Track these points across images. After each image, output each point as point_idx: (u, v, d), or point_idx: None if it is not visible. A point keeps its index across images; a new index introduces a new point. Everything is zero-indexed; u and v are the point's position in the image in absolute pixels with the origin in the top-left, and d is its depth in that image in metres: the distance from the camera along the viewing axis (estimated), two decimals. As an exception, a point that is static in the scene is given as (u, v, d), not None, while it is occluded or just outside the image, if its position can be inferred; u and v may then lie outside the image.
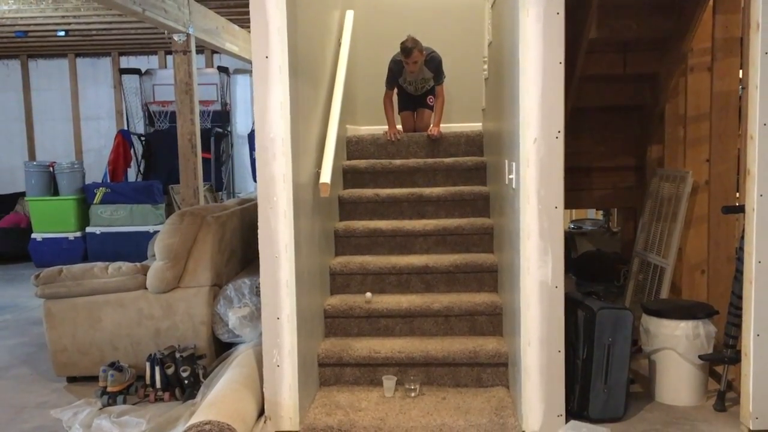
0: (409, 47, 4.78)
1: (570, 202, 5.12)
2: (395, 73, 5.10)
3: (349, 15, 4.93)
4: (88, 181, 8.21)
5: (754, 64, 2.92)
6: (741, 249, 3.16)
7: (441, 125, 5.04)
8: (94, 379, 3.76)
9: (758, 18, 2.88)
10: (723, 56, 3.95)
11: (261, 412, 3.17)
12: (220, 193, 8.90)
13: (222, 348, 3.93)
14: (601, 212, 7.30)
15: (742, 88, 3.64)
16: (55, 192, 7.92)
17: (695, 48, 4.06)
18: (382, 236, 4.21)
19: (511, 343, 3.31)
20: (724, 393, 3.31)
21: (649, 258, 4.41)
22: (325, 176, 3.54)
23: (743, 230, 3.11)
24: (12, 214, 8.49)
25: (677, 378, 3.38)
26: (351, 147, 4.95)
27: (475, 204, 4.40)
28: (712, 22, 3.95)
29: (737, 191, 3.92)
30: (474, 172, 4.62)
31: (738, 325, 3.21)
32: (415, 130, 5.25)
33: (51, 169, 7.95)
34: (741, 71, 3.85)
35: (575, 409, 3.21)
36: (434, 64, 5.02)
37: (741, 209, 3.19)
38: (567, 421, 3.03)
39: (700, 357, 3.33)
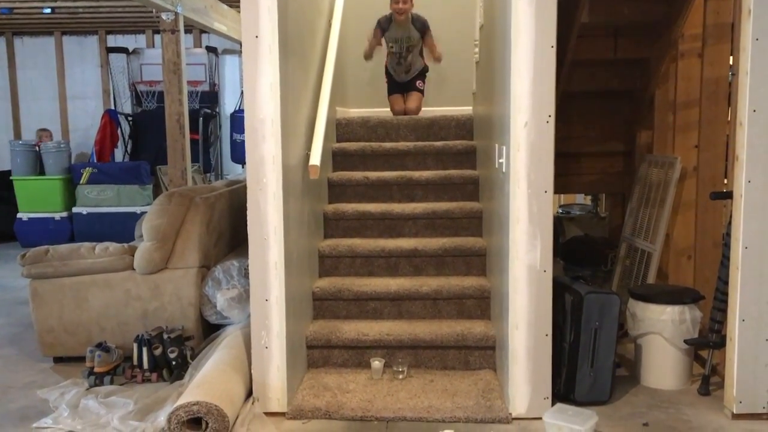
0: None
1: (559, 187, 5.11)
2: (382, 26, 5.18)
3: (340, -4, 4.88)
4: (74, 161, 8.13)
5: (745, 51, 2.93)
6: (728, 235, 3.18)
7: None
8: (81, 359, 3.75)
9: (750, 4, 2.88)
10: (713, 42, 3.95)
11: (249, 394, 3.18)
12: (209, 174, 8.84)
13: (210, 329, 3.93)
14: (589, 197, 7.32)
15: (732, 75, 3.65)
16: (41, 171, 7.84)
17: (686, 34, 4.05)
18: (372, 219, 4.20)
19: (499, 326, 3.33)
20: (708, 377, 3.35)
21: (637, 243, 4.44)
22: (315, 158, 3.52)
23: (730, 216, 3.13)
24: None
25: (663, 362, 3.41)
26: (341, 129, 4.93)
27: (464, 188, 4.40)
28: (704, 7, 3.94)
29: (725, 177, 3.94)
30: (464, 156, 4.62)
31: (723, 311, 3.24)
32: (405, 112, 5.24)
33: (37, 148, 7.87)
34: (731, 57, 3.86)
35: (562, 392, 3.24)
36: (420, 22, 5.14)
37: (729, 195, 3.21)
38: (553, 403, 3.06)
39: (685, 341, 3.37)
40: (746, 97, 2.92)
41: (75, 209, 7.74)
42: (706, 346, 3.41)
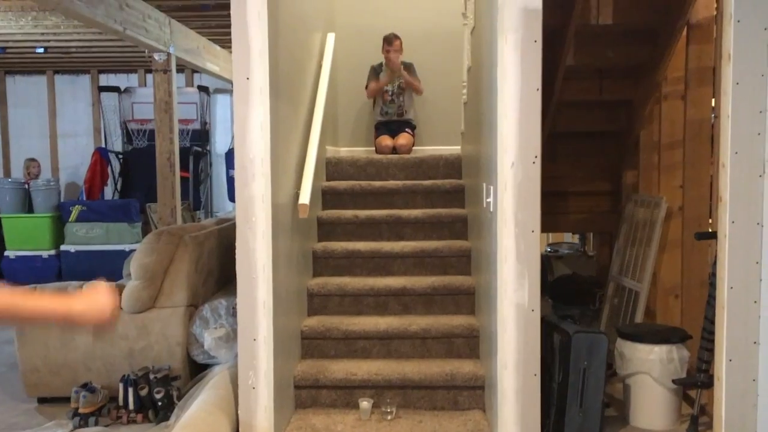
0: (391, 36, 5.31)
1: (547, 225, 5.15)
2: (376, 71, 5.44)
3: (330, 38, 4.97)
4: (64, 199, 8.11)
5: (725, 94, 2.99)
6: (714, 275, 3.21)
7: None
8: (65, 400, 3.70)
9: (730, 49, 2.95)
10: (696, 85, 4.04)
11: (235, 435, 3.14)
12: (198, 212, 8.84)
13: (197, 369, 3.89)
14: (577, 236, 7.36)
15: (715, 117, 3.72)
16: (30, 209, 7.82)
17: (669, 76, 4.15)
18: (361, 257, 4.21)
19: (488, 366, 3.32)
20: (697, 417, 3.35)
21: (624, 282, 4.46)
22: (305, 197, 3.54)
23: (716, 256, 3.16)
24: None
25: (651, 402, 3.41)
26: (330, 168, 4.96)
27: (453, 226, 4.43)
28: (686, 51, 4.05)
29: (710, 217, 3.99)
30: (452, 195, 4.65)
31: (711, 350, 3.25)
32: (395, 149, 5.30)
33: (27, 186, 7.85)
34: (713, 100, 3.94)
35: (551, 433, 3.22)
36: (411, 68, 5.48)
37: (713, 235, 3.25)
38: (542, 444, 3.04)
39: (673, 381, 3.37)
40: (728, 139, 2.97)
41: (63, 247, 7.70)
42: (695, 386, 3.41)
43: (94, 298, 1.62)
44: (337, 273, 4.21)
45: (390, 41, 5.31)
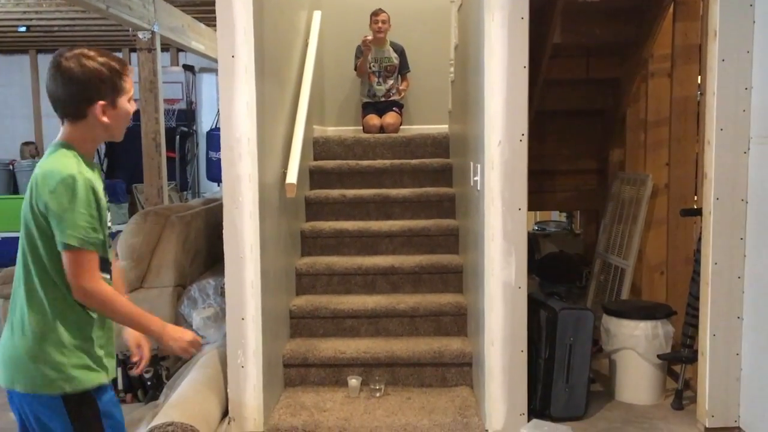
0: (377, 9, 5.31)
1: (534, 204, 5.20)
2: (363, 50, 5.35)
3: (317, 16, 4.93)
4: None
5: (711, 71, 3.00)
6: (698, 251, 3.24)
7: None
8: (54, 381, 3.69)
9: (716, 26, 2.96)
10: (682, 63, 4.05)
11: (225, 413, 3.16)
12: (185, 192, 8.81)
13: (186, 349, 3.89)
14: (564, 214, 7.40)
15: (700, 94, 3.74)
16: (15, 190, 7.76)
17: (656, 54, 4.15)
18: (349, 237, 4.22)
19: (475, 343, 3.35)
20: (681, 392, 3.40)
21: (611, 259, 4.50)
22: (292, 177, 3.53)
23: (701, 233, 3.19)
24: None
25: (636, 377, 3.45)
26: (318, 147, 4.95)
27: (440, 205, 4.43)
28: (672, 29, 4.05)
29: (695, 194, 4.02)
30: (440, 174, 4.66)
31: (695, 325, 3.30)
32: (383, 128, 5.29)
33: (11, 167, 7.79)
34: (699, 77, 3.95)
35: (537, 408, 3.26)
36: (399, 48, 5.46)
37: (698, 212, 3.28)
38: (529, 419, 3.08)
39: (658, 356, 3.41)
40: (713, 116, 2.99)
41: (49, 228, 7.64)
42: (679, 361, 3.46)
43: (181, 334, 1.95)
44: (326, 252, 4.22)
45: (377, 12, 5.32)
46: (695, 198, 4.02)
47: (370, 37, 5.23)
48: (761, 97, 2.90)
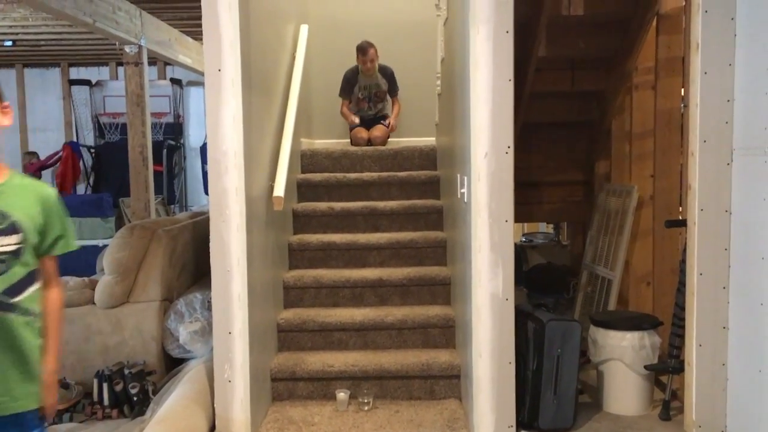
0: (364, 45, 5.16)
1: (521, 215, 5.21)
2: (350, 81, 5.36)
3: (304, 29, 4.95)
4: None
5: (694, 83, 3.04)
6: (684, 262, 3.26)
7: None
8: (38, 397, 3.65)
9: (698, 39, 3.00)
10: (666, 75, 4.09)
11: (212, 428, 3.13)
12: (173, 206, 8.77)
13: (173, 364, 3.87)
14: (551, 226, 7.43)
15: (684, 106, 3.77)
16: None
17: (640, 67, 4.19)
18: (336, 249, 4.21)
19: (464, 355, 3.35)
20: (668, 402, 3.40)
21: (597, 270, 4.52)
22: (279, 189, 3.53)
23: (686, 244, 3.21)
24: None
25: (624, 388, 3.46)
26: (305, 160, 4.95)
27: (428, 217, 4.44)
28: (656, 42, 4.09)
29: (680, 205, 4.05)
30: (427, 186, 4.67)
31: (681, 336, 3.31)
32: (369, 142, 5.30)
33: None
34: (683, 90, 4.00)
35: (526, 420, 3.26)
36: (388, 72, 5.39)
37: (683, 223, 3.30)
38: (518, 431, 3.07)
39: (645, 367, 3.42)
40: (697, 127, 3.02)
41: (35, 243, 7.58)
42: (666, 372, 3.47)
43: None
44: (313, 265, 4.21)
45: (364, 51, 5.16)
46: (680, 209, 4.05)
47: (357, 120, 5.29)
48: (743, 109, 2.94)
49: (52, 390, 2.01)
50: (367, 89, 5.40)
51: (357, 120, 5.33)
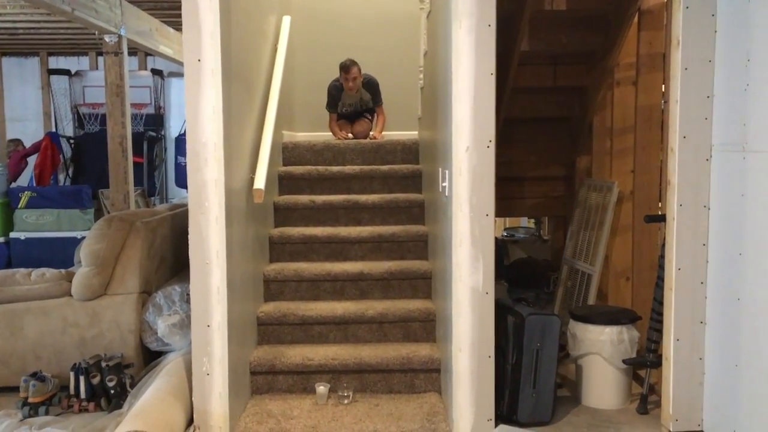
0: (347, 63, 5.06)
1: (503, 210, 5.22)
2: (335, 97, 5.30)
3: (286, 21, 4.91)
4: (13, 185, 7.89)
5: (674, 79, 3.05)
6: (662, 257, 3.28)
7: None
8: (15, 389, 3.61)
9: (679, 35, 3.01)
10: (647, 71, 4.11)
11: (190, 422, 3.11)
12: (153, 198, 8.69)
13: (151, 357, 3.83)
14: (533, 221, 7.46)
15: (665, 102, 3.79)
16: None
17: (621, 63, 4.21)
18: (318, 243, 4.20)
19: (444, 348, 3.35)
20: (646, 396, 3.43)
21: (578, 265, 4.54)
22: (259, 182, 3.51)
23: (665, 239, 3.23)
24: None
25: (602, 382, 3.48)
26: (287, 153, 4.92)
27: (410, 211, 4.44)
28: (637, 38, 4.11)
29: (660, 201, 4.08)
30: (409, 180, 4.66)
31: (659, 330, 3.34)
32: (353, 134, 5.28)
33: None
34: (663, 86, 4.02)
35: (505, 414, 3.27)
36: (372, 85, 5.30)
37: (662, 218, 3.32)
38: (497, 425, 3.09)
39: (623, 361, 3.44)
40: (677, 123, 3.04)
41: (13, 234, 7.47)
42: (644, 366, 3.49)
43: None
44: (294, 258, 4.19)
45: (347, 69, 5.09)
46: (660, 204, 4.07)
47: (343, 134, 5.27)
48: (723, 106, 2.96)
49: None
50: (352, 106, 5.36)
51: (349, 136, 5.31)
